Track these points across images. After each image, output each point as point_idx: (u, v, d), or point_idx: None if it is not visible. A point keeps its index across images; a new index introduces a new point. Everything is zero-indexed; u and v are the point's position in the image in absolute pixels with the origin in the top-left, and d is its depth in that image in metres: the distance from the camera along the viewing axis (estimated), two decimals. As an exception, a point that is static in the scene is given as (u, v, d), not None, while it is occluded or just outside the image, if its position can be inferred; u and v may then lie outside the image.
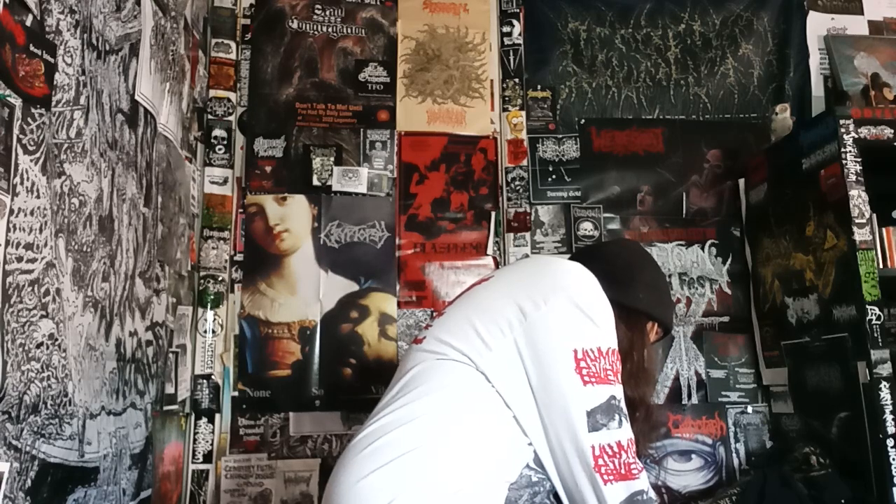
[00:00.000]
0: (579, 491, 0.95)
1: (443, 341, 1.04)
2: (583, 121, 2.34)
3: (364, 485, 0.93)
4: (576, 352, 0.97)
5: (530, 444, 0.98)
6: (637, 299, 1.18)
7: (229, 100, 2.16)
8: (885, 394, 1.66)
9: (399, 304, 2.11)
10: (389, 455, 0.94)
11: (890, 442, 1.64)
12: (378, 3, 2.32)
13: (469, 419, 0.98)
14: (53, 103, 1.07)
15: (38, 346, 1.01)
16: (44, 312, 1.03)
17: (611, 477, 0.94)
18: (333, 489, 0.97)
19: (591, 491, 0.94)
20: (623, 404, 0.99)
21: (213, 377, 1.98)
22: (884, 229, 1.84)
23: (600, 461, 0.94)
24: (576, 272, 1.06)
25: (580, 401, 0.96)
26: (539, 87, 2.34)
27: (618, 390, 0.98)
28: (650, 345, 1.23)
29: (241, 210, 2.11)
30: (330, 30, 2.27)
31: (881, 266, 1.79)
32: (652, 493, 0.97)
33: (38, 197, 1.02)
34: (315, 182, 2.14)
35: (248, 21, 2.23)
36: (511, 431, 0.99)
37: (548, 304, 1.00)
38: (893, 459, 1.63)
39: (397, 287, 2.12)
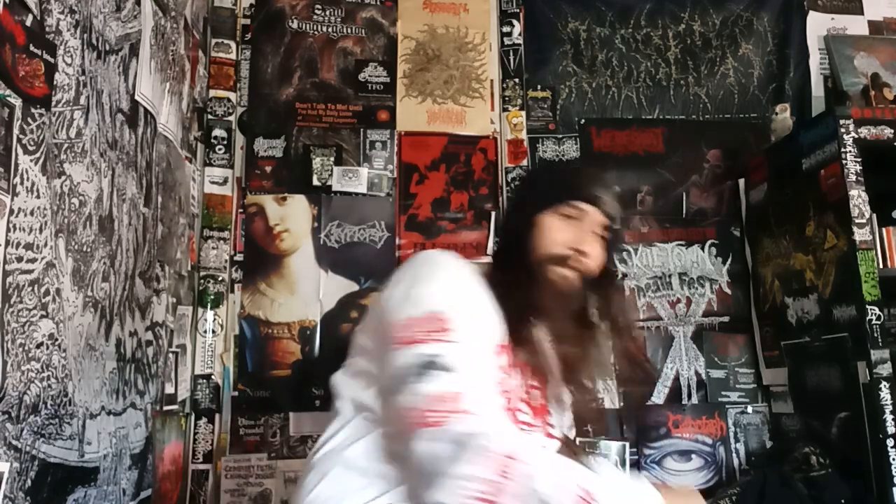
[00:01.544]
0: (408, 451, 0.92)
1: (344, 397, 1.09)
2: (583, 121, 2.33)
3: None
4: (395, 325, 0.98)
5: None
6: (520, 238, 1.12)
7: (229, 100, 2.16)
8: (885, 394, 1.66)
9: (399, 304, 2.11)
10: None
11: (890, 442, 1.64)
12: (378, 3, 2.32)
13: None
14: (53, 103, 1.07)
15: (38, 346, 1.01)
16: (44, 312, 1.03)
17: (425, 421, 0.90)
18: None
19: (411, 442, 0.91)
20: (441, 360, 0.93)
21: (213, 377, 1.98)
22: (884, 229, 1.84)
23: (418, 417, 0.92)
24: (414, 261, 1.09)
25: (394, 366, 0.96)
26: (539, 87, 2.34)
27: (430, 348, 0.94)
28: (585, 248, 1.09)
29: (241, 210, 2.11)
30: (330, 30, 2.27)
31: (881, 266, 1.79)
32: (471, 428, 0.88)
33: (38, 197, 1.02)
34: (315, 182, 2.14)
35: (248, 21, 2.23)
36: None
37: (377, 303, 1.07)
38: (893, 459, 1.63)
39: (397, 287, 2.12)
